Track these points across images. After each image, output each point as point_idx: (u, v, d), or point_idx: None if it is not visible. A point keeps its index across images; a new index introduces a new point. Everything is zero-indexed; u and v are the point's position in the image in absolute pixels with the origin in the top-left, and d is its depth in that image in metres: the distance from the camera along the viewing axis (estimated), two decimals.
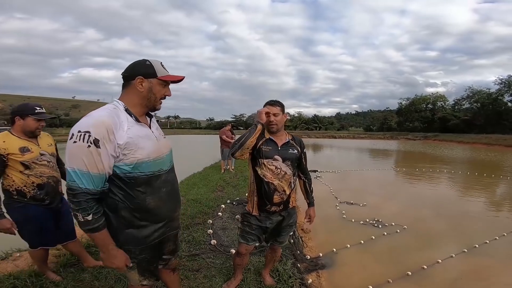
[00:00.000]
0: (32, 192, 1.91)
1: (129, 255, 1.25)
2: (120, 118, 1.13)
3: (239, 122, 77.09)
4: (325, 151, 21.55)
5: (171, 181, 1.33)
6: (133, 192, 1.17)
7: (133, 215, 1.19)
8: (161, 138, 1.33)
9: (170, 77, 1.24)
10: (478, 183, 8.54)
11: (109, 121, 1.07)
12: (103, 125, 1.05)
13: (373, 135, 50.39)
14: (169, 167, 1.34)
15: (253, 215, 1.96)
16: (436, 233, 4.24)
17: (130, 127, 1.15)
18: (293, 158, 1.92)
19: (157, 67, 1.21)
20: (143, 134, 1.19)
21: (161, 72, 1.22)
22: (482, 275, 3.09)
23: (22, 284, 2.03)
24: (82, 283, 2.12)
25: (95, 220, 1.07)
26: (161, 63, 1.23)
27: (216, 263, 2.60)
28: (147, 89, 1.20)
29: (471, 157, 17.45)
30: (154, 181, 1.22)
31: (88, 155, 1.02)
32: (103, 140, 1.03)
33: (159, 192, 1.25)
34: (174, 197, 1.36)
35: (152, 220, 1.26)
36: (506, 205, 6.24)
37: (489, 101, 42.30)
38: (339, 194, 6.46)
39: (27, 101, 2.34)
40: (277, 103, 1.89)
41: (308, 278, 2.65)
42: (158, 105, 1.26)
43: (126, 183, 1.16)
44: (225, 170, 7.90)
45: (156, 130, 1.32)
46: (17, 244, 2.64)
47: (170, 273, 1.62)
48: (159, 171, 1.25)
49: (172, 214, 1.36)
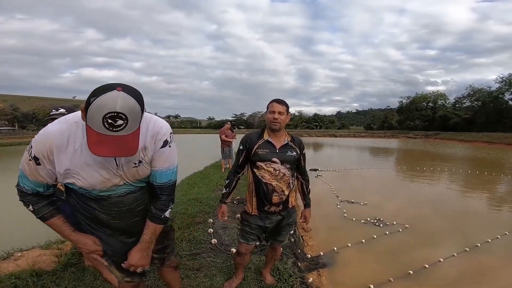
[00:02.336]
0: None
1: (104, 254, 1.23)
2: (74, 136, 0.98)
3: (239, 121, 77.11)
4: (326, 150, 21.53)
5: (128, 203, 1.16)
6: (84, 203, 1.14)
7: (88, 222, 1.18)
8: (127, 166, 1.07)
9: (92, 132, 0.85)
10: (480, 181, 8.52)
11: (52, 140, 0.97)
12: (44, 146, 0.97)
13: (374, 133, 50.35)
14: (128, 191, 1.15)
15: (253, 215, 1.95)
16: (437, 232, 4.23)
17: (80, 151, 0.99)
18: (292, 160, 1.90)
19: (92, 115, 0.83)
20: (93, 161, 1.00)
21: (92, 124, 0.84)
22: (484, 274, 3.08)
23: (23, 283, 2.02)
24: (83, 283, 2.11)
25: (36, 210, 1.08)
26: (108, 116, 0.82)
27: (217, 262, 2.59)
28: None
29: (472, 156, 17.42)
30: (103, 201, 1.12)
31: (29, 165, 1.00)
32: (42, 159, 0.98)
33: (110, 211, 1.14)
34: (133, 214, 1.20)
35: (107, 228, 1.19)
36: (507, 203, 6.21)
37: (490, 100, 42.23)
38: (340, 193, 6.45)
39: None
40: (284, 102, 1.88)
41: (308, 277, 2.64)
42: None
43: (77, 195, 1.13)
44: (226, 169, 7.90)
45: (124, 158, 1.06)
46: (19, 244, 2.65)
47: (171, 272, 1.59)
48: (110, 195, 1.12)
49: (132, 229, 1.22)
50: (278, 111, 1.83)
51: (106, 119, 0.82)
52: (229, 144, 7.89)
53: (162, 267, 1.53)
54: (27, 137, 31.65)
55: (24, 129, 48.87)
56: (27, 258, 2.38)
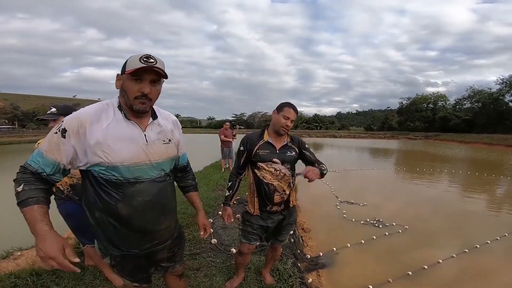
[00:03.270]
0: (66, 191, 2.02)
1: (110, 257, 1.22)
2: (106, 113, 1.08)
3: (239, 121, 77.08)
4: (326, 150, 21.53)
5: (152, 193, 1.15)
6: (105, 195, 1.09)
7: (106, 218, 1.12)
8: (157, 143, 1.17)
9: (132, 70, 1.03)
10: (479, 182, 8.53)
11: (86, 116, 1.04)
12: (77, 120, 1.03)
13: (374, 134, 50.38)
14: (154, 176, 1.16)
15: (255, 215, 1.96)
16: (437, 233, 4.24)
17: (112, 125, 1.07)
18: (292, 160, 1.91)
19: (131, 61, 1.04)
20: (124, 135, 1.08)
21: (131, 66, 1.03)
22: (483, 276, 3.09)
23: (23, 283, 2.03)
24: (82, 282, 2.12)
25: (24, 192, 0.98)
26: (144, 56, 1.04)
27: (217, 262, 2.60)
28: (120, 86, 1.10)
29: (472, 157, 17.43)
30: (128, 188, 1.10)
31: (52, 139, 1.02)
32: (70, 132, 1.01)
33: (132, 201, 1.11)
34: (155, 209, 1.18)
35: (127, 228, 1.14)
36: (507, 205, 6.22)
37: (490, 101, 42.27)
38: (340, 194, 6.46)
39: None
40: (294, 107, 1.86)
41: (308, 277, 2.65)
42: (134, 104, 1.07)
43: (99, 184, 1.09)
44: (225, 169, 7.90)
45: (155, 133, 1.17)
46: (18, 243, 2.65)
47: (176, 279, 1.56)
48: (136, 178, 1.11)
49: (152, 227, 1.19)
50: (291, 120, 1.83)
51: (141, 58, 1.03)
52: (229, 144, 7.88)
53: (166, 274, 1.50)
54: (27, 136, 31.59)
55: (24, 127, 48.75)
56: (26, 257, 2.39)
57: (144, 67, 1.02)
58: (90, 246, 2.10)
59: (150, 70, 1.04)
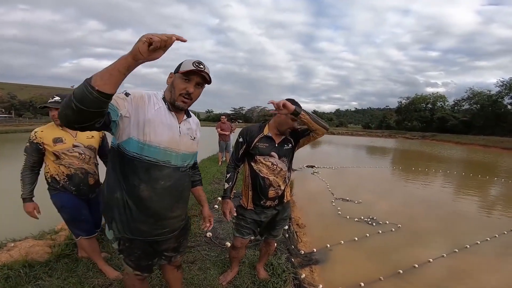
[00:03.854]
0: (62, 181, 2.02)
1: (120, 242, 1.29)
2: (156, 99, 1.24)
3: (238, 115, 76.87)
4: (323, 147, 21.58)
5: (174, 179, 1.28)
6: (131, 175, 1.19)
7: (126, 199, 1.21)
8: (187, 137, 1.33)
9: (185, 71, 1.20)
10: (472, 184, 8.64)
11: (144, 93, 1.22)
12: (140, 94, 1.20)
13: (372, 132, 50.53)
14: (178, 165, 1.30)
15: (248, 209, 1.97)
16: (429, 233, 4.30)
17: (161, 110, 1.23)
18: (288, 153, 1.91)
19: (185, 63, 1.23)
20: (166, 122, 1.23)
21: (184, 68, 1.21)
22: (471, 275, 3.16)
23: (16, 274, 2.01)
24: (75, 274, 2.11)
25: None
26: (196, 61, 1.21)
27: (211, 256, 2.62)
28: (170, 83, 1.27)
29: (467, 158, 17.58)
30: (154, 170, 1.21)
31: (116, 95, 1.10)
32: (132, 97, 1.16)
33: (156, 184, 1.22)
34: (172, 195, 1.29)
35: (143, 211, 1.23)
36: (498, 206, 6.33)
37: (489, 103, 42.42)
38: (335, 190, 6.52)
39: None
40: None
41: (301, 273, 2.69)
42: (177, 100, 1.24)
43: (129, 165, 1.19)
44: (222, 163, 7.91)
45: (186, 128, 1.33)
46: (12, 234, 2.64)
47: (173, 270, 1.61)
48: (165, 162, 1.24)
49: (166, 213, 1.29)
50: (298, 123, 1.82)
51: (194, 63, 1.20)
52: (226, 137, 7.85)
53: (165, 265, 1.56)
54: (23, 125, 31.25)
55: (20, 117, 48.25)
56: (20, 248, 2.35)
57: (194, 70, 1.19)
58: (83, 238, 2.11)
59: (198, 73, 1.21)
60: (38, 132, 1.95)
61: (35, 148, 1.93)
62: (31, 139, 1.94)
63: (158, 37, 0.84)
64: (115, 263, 2.29)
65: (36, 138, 1.93)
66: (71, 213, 2.05)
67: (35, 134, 1.95)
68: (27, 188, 1.95)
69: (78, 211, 2.08)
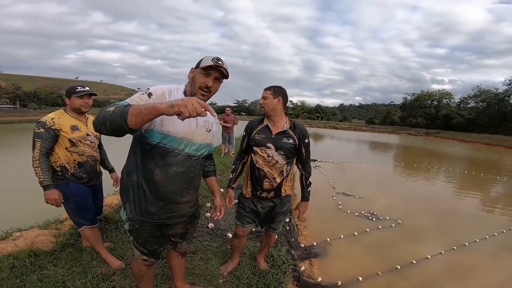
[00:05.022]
0: (73, 170, 2.05)
1: (130, 223, 1.37)
2: (176, 93, 1.34)
3: (241, 108, 76.63)
4: (326, 141, 21.55)
5: (186, 166, 1.37)
6: (148, 160, 1.30)
7: (141, 182, 1.32)
8: (202, 129, 1.41)
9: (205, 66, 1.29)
10: (474, 182, 8.61)
11: (165, 89, 1.31)
12: (161, 89, 1.29)
13: (375, 128, 50.24)
14: (192, 153, 1.38)
15: (247, 198, 2.03)
16: (428, 229, 4.33)
17: None
18: (287, 147, 1.88)
19: (205, 59, 1.31)
20: None
21: (204, 63, 1.30)
22: (468, 272, 3.19)
23: (21, 264, 2.03)
24: (80, 263, 2.15)
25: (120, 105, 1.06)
26: (215, 58, 1.30)
27: (213, 246, 2.67)
28: (191, 78, 1.36)
29: (471, 156, 17.48)
30: (169, 157, 1.31)
31: (139, 97, 1.20)
32: (154, 96, 1.23)
33: (169, 169, 1.32)
34: (183, 180, 1.38)
35: (155, 194, 1.33)
36: (499, 205, 6.32)
37: (495, 101, 41.82)
38: (337, 185, 6.54)
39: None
40: (270, 88, 1.92)
41: (301, 266, 2.73)
42: (197, 93, 1.32)
43: (148, 151, 1.29)
44: (225, 154, 7.93)
45: (203, 121, 1.42)
46: (18, 224, 2.66)
47: (177, 257, 1.70)
48: (179, 150, 1.33)
49: (175, 197, 1.37)
50: (262, 96, 1.91)
51: (213, 59, 1.29)
52: (229, 129, 7.85)
53: (171, 251, 1.66)
54: (28, 116, 31.34)
55: (25, 107, 48.45)
56: (25, 238, 2.37)
57: (213, 65, 1.28)
58: (87, 227, 2.14)
59: (217, 69, 1.30)
60: (56, 119, 1.97)
61: (53, 134, 1.94)
62: (47, 125, 1.93)
63: (188, 112, 0.93)
64: (118, 252, 2.34)
65: (54, 124, 1.95)
66: (79, 201, 2.09)
67: (52, 121, 1.96)
68: (46, 174, 1.92)
69: (85, 200, 2.12)
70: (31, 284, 1.86)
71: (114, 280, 1.99)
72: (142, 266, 1.49)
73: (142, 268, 1.50)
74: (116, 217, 2.94)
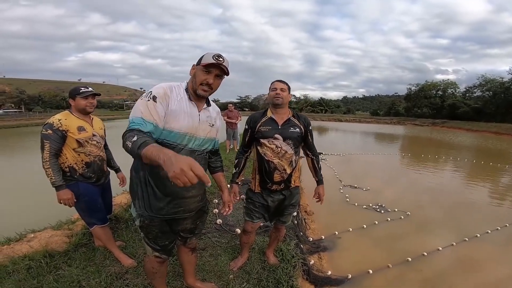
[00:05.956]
0: (81, 170, 2.08)
1: (141, 219, 1.39)
2: (178, 90, 1.35)
3: (244, 104, 76.52)
4: (331, 134, 21.43)
5: None
6: None
7: (148, 178, 1.34)
8: (205, 124, 1.44)
9: (206, 63, 1.31)
10: (483, 171, 8.49)
11: (167, 87, 1.32)
12: (163, 89, 1.30)
13: (380, 119, 49.74)
14: (195, 148, 1.41)
15: (256, 193, 2.01)
16: (438, 221, 4.28)
17: (181, 100, 1.34)
18: (295, 137, 1.92)
19: (206, 56, 1.33)
20: (187, 110, 1.35)
21: (205, 60, 1.31)
22: (481, 264, 3.14)
23: (37, 265, 2.06)
24: (93, 263, 2.17)
25: (140, 138, 1.07)
26: (216, 55, 1.31)
27: (222, 242, 2.67)
28: (193, 74, 1.38)
29: (479, 145, 17.21)
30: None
31: (146, 106, 1.22)
32: (159, 98, 1.25)
33: None
34: None
35: (162, 189, 1.34)
36: (509, 195, 6.22)
37: (502, 90, 41.07)
38: (343, 178, 6.50)
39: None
40: (285, 82, 1.96)
41: (310, 259, 2.73)
42: (198, 90, 1.35)
43: None
44: (230, 150, 7.93)
45: (205, 116, 1.44)
46: (31, 225, 2.68)
47: (188, 253, 1.71)
48: (183, 145, 1.35)
49: (181, 192, 1.38)
50: (280, 88, 1.90)
51: (214, 56, 1.31)
52: (234, 125, 7.84)
53: (181, 247, 1.68)
54: (34, 119, 31.59)
55: (30, 111, 48.96)
56: (39, 239, 2.40)
57: (214, 63, 1.30)
58: (98, 227, 2.16)
59: (218, 66, 1.31)
60: (63, 120, 1.99)
61: (61, 135, 1.96)
62: (55, 127, 1.95)
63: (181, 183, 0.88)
64: (130, 251, 2.36)
65: (62, 125, 1.97)
66: (89, 201, 2.10)
67: (59, 122, 1.98)
68: (57, 174, 1.94)
69: (95, 199, 2.14)
70: (48, 284, 1.88)
71: (127, 278, 2.01)
72: (155, 263, 1.51)
73: (155, 265, 1.52)
74: (126, 216, 2.97)
